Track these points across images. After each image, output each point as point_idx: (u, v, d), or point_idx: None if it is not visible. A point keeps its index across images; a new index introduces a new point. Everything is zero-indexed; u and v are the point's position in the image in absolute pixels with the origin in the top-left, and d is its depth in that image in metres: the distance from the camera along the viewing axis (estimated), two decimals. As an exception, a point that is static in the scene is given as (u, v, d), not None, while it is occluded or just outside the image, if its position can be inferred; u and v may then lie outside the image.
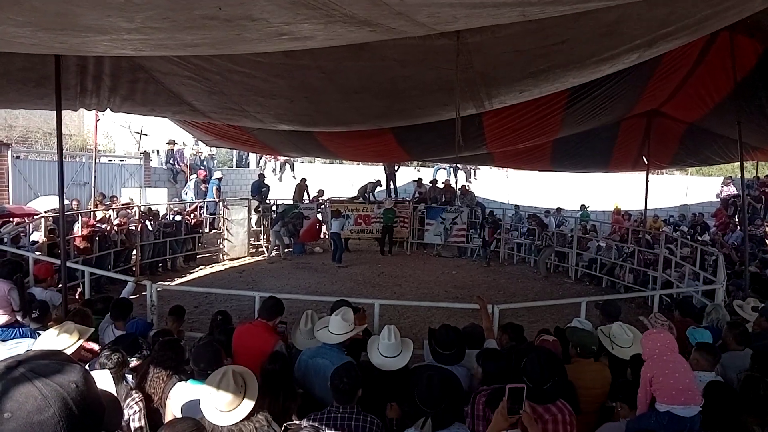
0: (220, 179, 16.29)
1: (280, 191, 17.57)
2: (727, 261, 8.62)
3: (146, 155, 17.57)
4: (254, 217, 14.40)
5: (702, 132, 10.11)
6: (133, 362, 3.64)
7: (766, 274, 9.28)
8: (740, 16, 4.38)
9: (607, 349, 4.03)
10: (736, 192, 14.91)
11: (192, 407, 2.98)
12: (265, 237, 14.43)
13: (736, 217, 13.83)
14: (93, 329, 4.03)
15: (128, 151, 21.84)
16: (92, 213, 10.57)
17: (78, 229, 9.60)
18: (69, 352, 3.51)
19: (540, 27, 3.91)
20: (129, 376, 3.51)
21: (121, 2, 2.61)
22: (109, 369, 3.19)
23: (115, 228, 10.31)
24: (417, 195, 16.46)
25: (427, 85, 5.82)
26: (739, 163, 7.95)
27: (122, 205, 11.82)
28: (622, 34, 4.31)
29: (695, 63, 7.56)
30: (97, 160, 13.01)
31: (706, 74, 7.77)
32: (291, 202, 14.89)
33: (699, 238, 12.39)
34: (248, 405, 2.79)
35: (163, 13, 2.80)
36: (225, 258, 13.16)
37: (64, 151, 5.63)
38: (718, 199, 15.89)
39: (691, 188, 19.00)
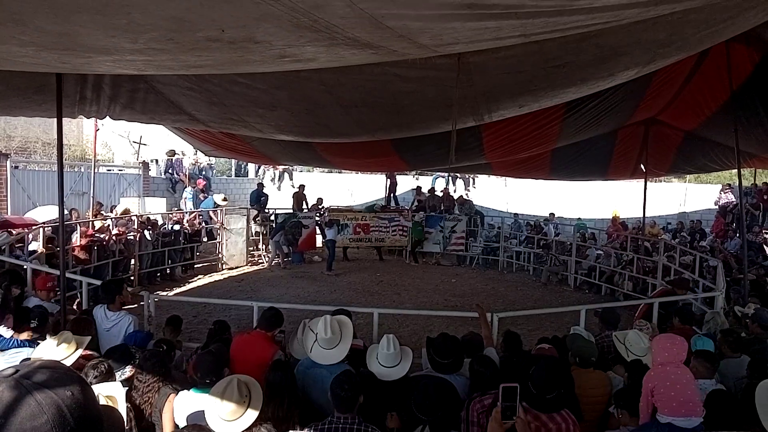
0: (217, 206, 14.59)
1: (279, 200, 17.58)
2: (725, 268, 8.62)
3: (145, 165, 17.58)
4: (254, 227, 14.39)
5: (699, 140, 10.15)
6: (127, 373, 3.61)
7: (765, 281, 9.28)
8: (736, 33, 4.43)
9: (622, 356, 4.03)
10: (734, 199, 14.94)
11: (197, 417, 2.97)
12: (264, 246, 14.42)
13: (734, 224, 13.86)
14: (90, 337, 4.02)
15: (127, 161, 21.86)
16: (91, 223, 10.56)
17: (76, 238, 9.59)
18: (69, 362, 3.50)
19: (540, 49, 3.95)
20: (125, 388, 3.48)
21: (124, 23, 2.63)
22: (93, 380, 3.13)
23: (114, 238, 10.30)
24: (416, 203, 16.49)
25: (428, 100, 5.86)
26: (736, 170, 7.97)
27: (121, 214, 11.78)
28: (621, 55, 4.35)
29: (692, 71, 7.61)
30: (96, 170, 13.01)
31: (703, 82, 7.82)
32: (290, 211, 14.89)
33: (699, 245, 12.39)
34: (252, 415, 2.78)
35: (167, 34, 2.83)
36: (224, 267, 13.14)
37: (63, 160, 5.64)
38: (717, 207, 15.92)
39: (690, 196, 19.04)
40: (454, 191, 18.62)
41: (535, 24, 2.90)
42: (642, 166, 12.03)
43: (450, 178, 19.78)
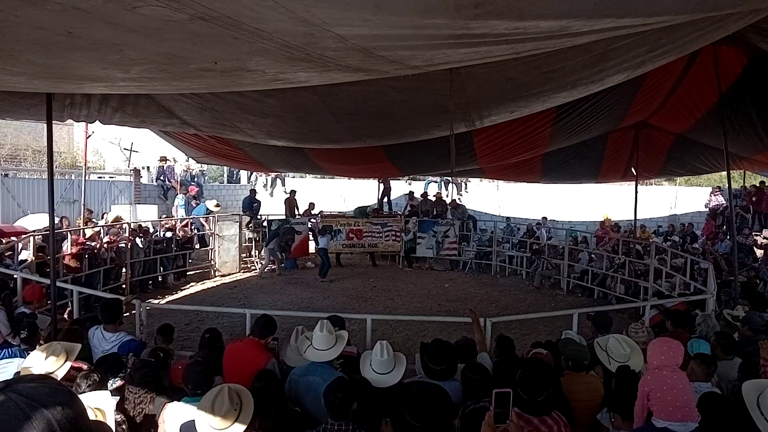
0: (209, 212, 14.50)
1: (272, 206, 17.55)
2: (716, 270, 8.68)
3: (136, 172, 17.50)
4: (246, 233, 14.34)
5: (689, 142, 10.24)
6: (117, 382, 3.58)
7: (756, 283, 9.36)
8: (724, 34, 4.48)
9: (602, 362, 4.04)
10: (724, 202, 15.05)
11: (189, 427, 2.95)
12: (257, 253, 14.37)
13: (725, 226, 13.96)
14: (80, 345, 3.98)
15: (118, 168, 21.75)
16: (81, 231, 10.49)
17: (67, 247, 9.53)
18: (59, 374, 3.47)
19: (531, 57, 3.98)
20: (115, 398, 3.45)
21: (117, 58, 2.63)
22: (86, 389, 3.12)
23: (105, 246, 10.23)
24: (408, 208, 16.51)
25: (420, 107, 5.89)
26: (726, 172, 8.04)
27: (112, 222, 11.71)
28: (611, 59, 4.40)
29: (681, 75, 7.67)
30: (87, 177, 12.94)
31: (692, 86, 7.88)
32: (283, 217, 14.86)
33: (690, 248, 12.46)
34: (242, 424, 2.77)
35: (159, 66, 2.84)
36: (216, 274, 13.08)
37: (53, 168, 5.59)
38: (707, 209, 16.04)
39: (680, 198, 19.18)
40: (447, 196, 18.66)
41: (526, 47, 2.93)
42: (633, 169, 12.11)
43: (442, 182, 19.83)
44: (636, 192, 12.51)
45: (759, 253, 12.21)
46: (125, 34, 2.39)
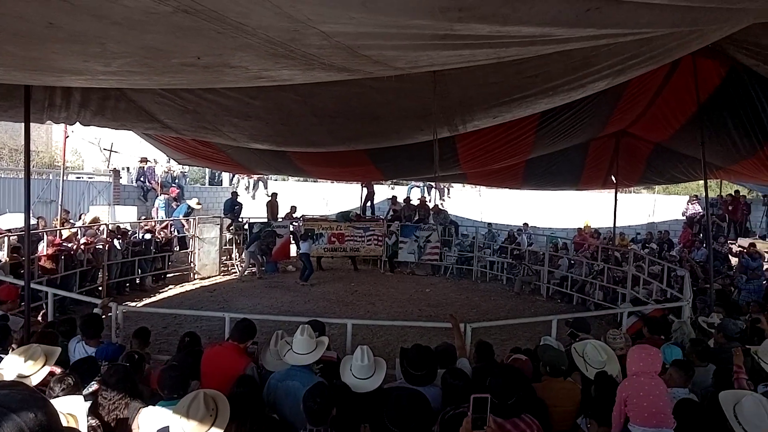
0: (191, 209, 14.82)
1: (253, 209, 17.44)
2: (692, 277, 8.82)
3: (116, 172, 17.25)
4: (227, 236, 14.23)
5: (668, 152, 10.41)
6: (94, 386, 3.51)
7: (730, 290, 9.53)
8: (703, 45, 4.58)
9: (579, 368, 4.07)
10: (701, 210, 15.33)
11: (164, 433, 2.90)
12: (238, 255, 14.27)
13: (701, 234, 14.21)
14: (59, 350, 3.90)
15: (97, 168, 21.44)
16: (58, 231, 10.31)
17: (43, 248, 9.35)
18: (36, 379, 3.39)
19: (514, 61, 4.02)
20: (87, 403, 3.38)
21: (98, 51, 2.59)
22: (60, 393, 3.04)
23: (82, 247, 10.06)
24: (391, 213, 16.52)
25: (403, 110, 5.90)
26: (703, 181, 8.20)
27: (90, 223, 11.52)
28: (593, 65, 4.46)
29: (661, 85, 7.80)
30: (65, 177, 12.72)
31: (672, 96, 8.02)
32: (265, 220, 14.77)
33: (667, 255, 12.66)
34: (218, 429, 2.73)
35: (141, 60, 2.81)
36: (196, 277, 12.94)
37: (30, 167, 5.50)
38: (684, 217, 16.32)
39: (658, 206, 19.48)
40: (429, 200, 18.73)
41: (509, 51, 2.95)
42: (612, 177, 12.28)
43: (425, 187, 19.89)
44: (615, 200, 12.69)
45: (734, 261, 12.45)
46: (107, 26, 2.36)
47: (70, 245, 9.84)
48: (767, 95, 6.83)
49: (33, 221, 9.14)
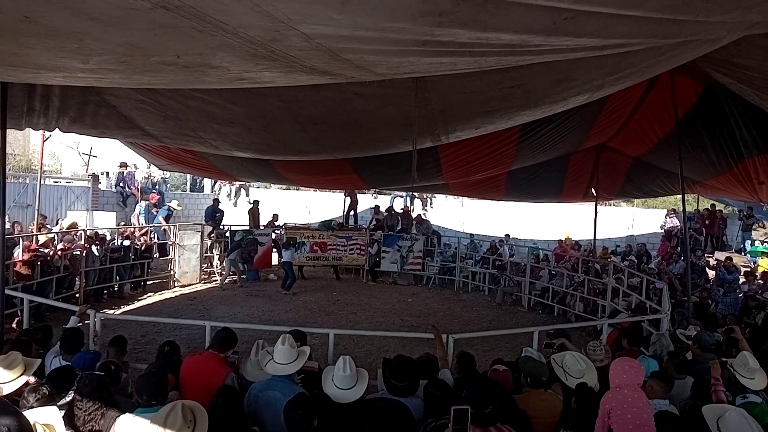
0: (171, 211, 14.95)
1: (235, 217, 17.30)
2: (670, 290, 8.94)
3: (95, 177, 16.99)
4: (208, 243, 14.09)
5: (646, 166, 10.58)
6: (71, 395, 3.42)
7: (708, 303, 9.67)
8: (680, 62, 4.69)
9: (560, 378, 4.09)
10: (678, 224, 15.58)
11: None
12: (219, 263, 14.12)
13: (679, 248, 14.44)
14: (40, 361, 3.81)
15: (76, 173, 21.11)
16: (34, 237, 10.11)
17: (18, 253, 9.16)
18: (11, 387, 3.31)
19: (496, 71, 4.06)
20: (62, 412, 3.30)
21: (76, 47, 2.56)
22: (35, 404, 2.96)
23: (59, 253, 9.88)
24: (374, 222, 16.51)
25: (386, 118, 5.91)
26: (681, 196, 8.35)
27: (67, 229, 11.32)
28: (574, 79, 4.53)
29: (640, 100, 7.96)
30: (42, 182, 12.50)
31: (650, 111, 8.19)
32: (246, 227, 14.66)
33: (646, 267, 12.82)
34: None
35: (120, 57, 2.78)
36: (176, 285, 12.77)
37: (6, 170, 5.39)
38: (662, 231, 16.57)
39: (637, 219, 19.76)
40: (412, 210, 18.76)
41: (489, 61, 2.98)
42: (593, 190, 12.44)
43: (408, 197, 19.92)
44: (596, 212, 12.84)
45: (711, 274, 12.66)
46: (85, 22, 2.32)
47: (46, 251, 9.66)
48: (742, 113, 7.01)
49: (8, 226, 8.95)
